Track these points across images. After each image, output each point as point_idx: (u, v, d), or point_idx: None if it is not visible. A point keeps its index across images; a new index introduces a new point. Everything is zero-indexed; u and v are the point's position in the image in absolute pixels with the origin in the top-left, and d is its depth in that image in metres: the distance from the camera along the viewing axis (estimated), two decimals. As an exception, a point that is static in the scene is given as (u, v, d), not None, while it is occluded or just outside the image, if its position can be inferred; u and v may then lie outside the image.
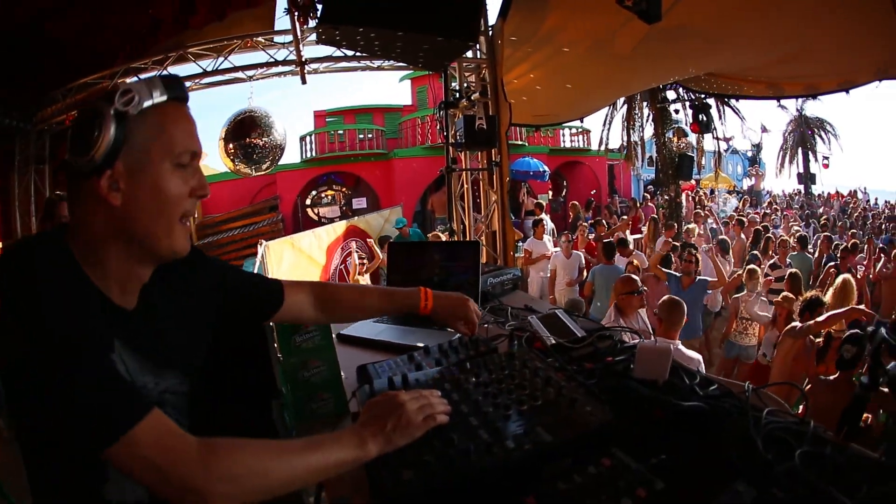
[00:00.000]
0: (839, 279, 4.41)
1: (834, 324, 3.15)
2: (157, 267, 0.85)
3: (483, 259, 5.04)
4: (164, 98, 0.77)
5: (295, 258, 6.77)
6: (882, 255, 6.49)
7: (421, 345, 1.23)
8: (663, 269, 5.14)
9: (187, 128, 0.80)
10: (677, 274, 4.93)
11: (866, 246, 6.92)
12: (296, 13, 5.60)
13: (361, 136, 15.30)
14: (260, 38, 6.44)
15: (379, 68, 6.65)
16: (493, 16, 4.49)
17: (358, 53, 5.96)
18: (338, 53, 6.38)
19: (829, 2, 3.85)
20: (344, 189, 15.76)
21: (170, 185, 0.78)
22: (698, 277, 4.88)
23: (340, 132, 15.30)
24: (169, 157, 0.78)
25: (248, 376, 1.11)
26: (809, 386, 3.26)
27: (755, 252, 6.42)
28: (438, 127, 5.34)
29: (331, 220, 11.34)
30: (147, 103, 0.75)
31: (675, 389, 1.06)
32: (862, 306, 3.84)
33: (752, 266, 5.19)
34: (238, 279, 1.06)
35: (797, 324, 3.35)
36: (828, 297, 4.22)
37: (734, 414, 0.99)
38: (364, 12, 2.60)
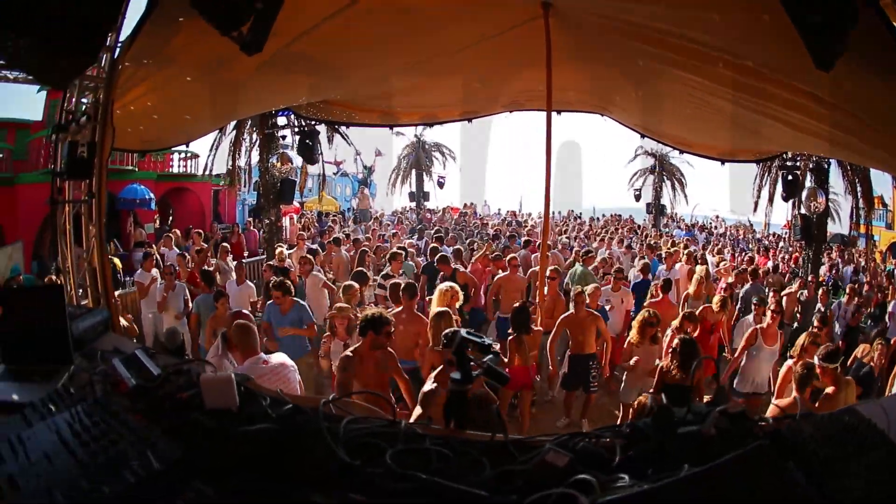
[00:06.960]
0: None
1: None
2: None
3: (87, 301, 4.51)
4: None
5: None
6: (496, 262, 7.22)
7: (27, 401, 1.23)
8: (281, 293, 5.01)
9: None
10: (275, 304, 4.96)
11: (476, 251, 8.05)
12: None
13: (-11, 156, 12.01)
14: None
15: (16, 80, 5.66)
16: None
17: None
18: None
19: (462, 40, 4.24)
20: (-25, 224, 12.25)
21: None
22: (297, 301, 4.97)
23: (-27, 152, 11.83)
24: None
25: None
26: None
27: (361, 269, 6.61)
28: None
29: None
30: None
31: (248, 415, 1.12)
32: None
33: (348, 282, 5.52)
34: None
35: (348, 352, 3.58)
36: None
37: (310, 429, 1.06)
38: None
